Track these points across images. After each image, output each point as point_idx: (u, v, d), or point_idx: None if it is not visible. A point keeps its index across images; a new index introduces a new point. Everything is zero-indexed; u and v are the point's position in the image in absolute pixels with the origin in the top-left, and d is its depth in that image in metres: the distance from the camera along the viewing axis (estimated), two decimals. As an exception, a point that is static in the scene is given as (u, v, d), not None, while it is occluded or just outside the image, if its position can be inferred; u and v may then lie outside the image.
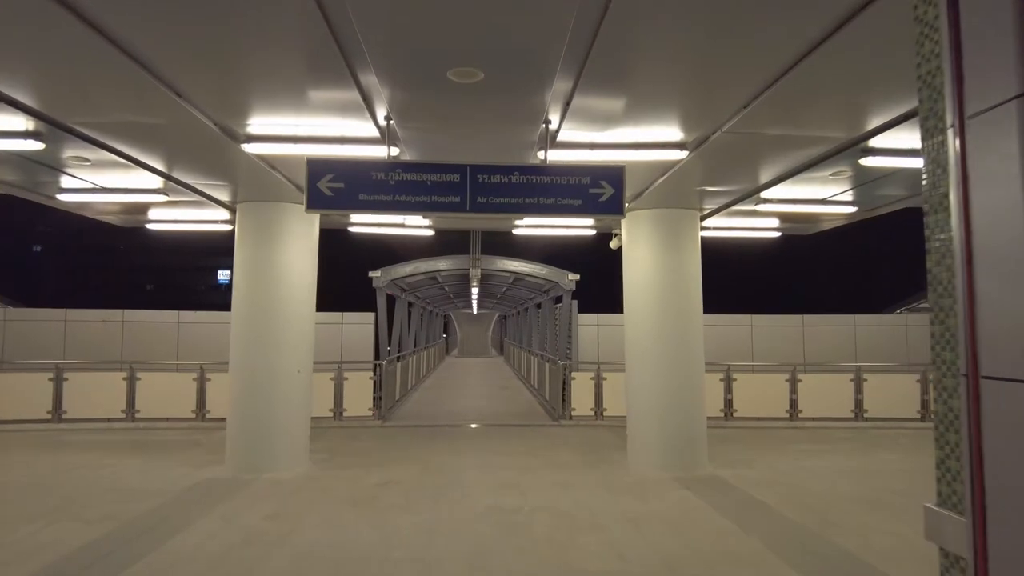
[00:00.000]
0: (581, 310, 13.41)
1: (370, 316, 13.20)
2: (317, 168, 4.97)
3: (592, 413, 11.90)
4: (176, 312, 12.81)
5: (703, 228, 8.65)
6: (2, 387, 10.95)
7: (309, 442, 8.40)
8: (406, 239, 12.15)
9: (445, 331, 45.80)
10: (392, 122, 4.98)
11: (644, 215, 8.33)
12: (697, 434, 8.12)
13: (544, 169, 5.10)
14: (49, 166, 6.38)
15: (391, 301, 15.58)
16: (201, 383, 11.22)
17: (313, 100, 4.59)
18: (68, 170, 6.58)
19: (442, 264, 13.52)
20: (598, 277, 16.10)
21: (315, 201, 4.95)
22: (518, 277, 15.39)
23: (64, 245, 47.44)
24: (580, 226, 9.71)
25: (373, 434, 10.72)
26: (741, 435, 10.53)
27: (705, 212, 8.44)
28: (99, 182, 7.10)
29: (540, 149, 5.32)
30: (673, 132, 5.26)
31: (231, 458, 7.84)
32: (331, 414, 11.52)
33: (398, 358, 14.91)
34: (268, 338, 7.86)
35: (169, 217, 9.10)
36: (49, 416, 10.87)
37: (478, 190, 4.94)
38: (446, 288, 20.07)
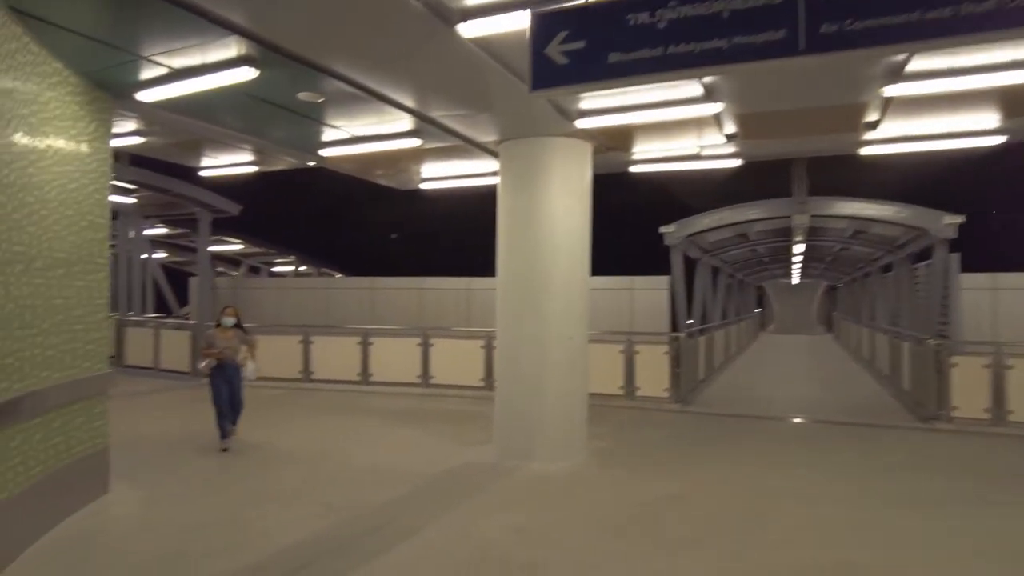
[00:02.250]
0: (964, 268, 9.42)
1: (663, 280, 11.27)
2: (544, 25, 3.21)
3: (987, 415, 8.17)
4: (467, 279, 12.59)
5: None
6: (322, 349, 11.85)
7: (587, 425, 6.92)
8: (703, 183, 9.84)
9: (759, 305, 41.23)
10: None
11: None
12: None
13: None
14: (290, 110, 5.86)
15: (690, 264, 13.34)
16: (488, 351, 10.64)
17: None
18: (313, 116, 6.04)
19: (753, 213, 10.68)
20: (986, 221, 11.45)
21: (543, 75, 3.21)
22: (859, 229, 11.80)
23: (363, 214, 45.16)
24: (972, 132, 6.31)
25: (669, 420, 8.80)
26: None
27: None
28: (352, 131, 6.51)
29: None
30: None
31: (497, 439, 6.74)
32: (621, 392, 9.93)
33: (701, 331, 12.68)
34: (532, 300, 6.51)
35: (439, 173, 8.42)
36: (359, 379, 11.43)
37: (822, 9, 2.64)
38: (758, 250, 16.85)
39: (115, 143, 8.18)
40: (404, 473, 5.99)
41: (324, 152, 7.10)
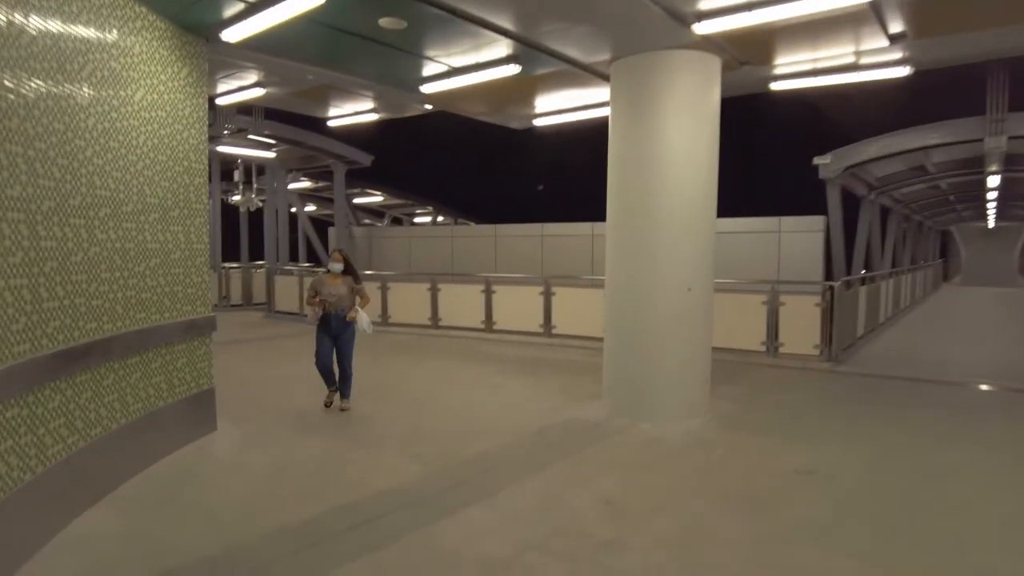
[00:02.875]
0: None
1: (817, 221, 9.81)
2: None
3: None
4: (590, 224, 11.89)
5: None
6: (448, 297, 11.85)
7: (713, 384, 6.15)
8: (864, 103, 8.18)
9: (943, 253, 36.01)
10: None
11: None
12: None
13: None
14: (374, 39, 5.48)
15: (851, 202, 11.53)
16: (612, 301, 9.99)
17: None
18: (402, 47, 5.63)
19: (933, 137, 8.74)
20: None
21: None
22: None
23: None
24: None
25: (815, 382, 7.69)
26: None
27: None
28: (447, 61, 6.04)
29: None
30: None
31: (606, 396, 6.18)
32: (762, 348, 8.87)
33: (862, 280, 11.02)
34: (645, 243, 5.76)
35: (552, 107, 7.76)
36: (483, 326, 11.31)
37: None
38: (941, 185, 14.26)
39: (238, 96, 8.54)
40: (503, 427, 5.65)
41: (425, 88, 6.70)
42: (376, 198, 20.43)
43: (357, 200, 20.81)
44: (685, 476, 4.45)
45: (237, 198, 15.81)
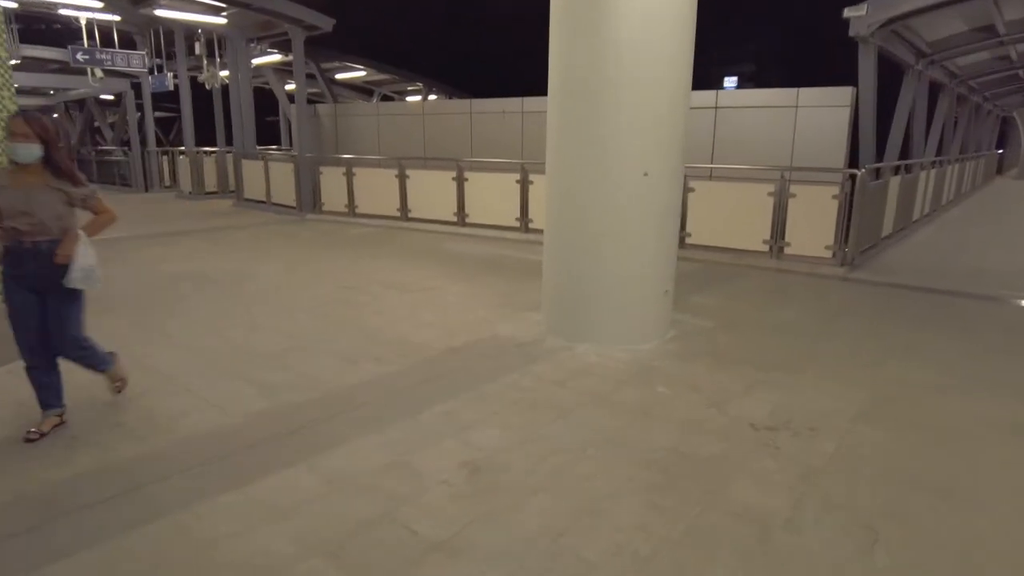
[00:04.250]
0: None
1: (845, 94, 8.03)
2: None
3: None
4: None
5: None
6: (417, 185, 10.49)
7: (687, 295, 4.94)
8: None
9: (1000, 143, 32.71)
10: None
11: None
12: None
13: None
14: None
15: (892, 75, 9.55)
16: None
17: None
18: None
19: None
20: None
21: None
22: None
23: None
24: None
25: (820, 291, 6.36)
26: None
27: None
28: None
29: None
30: None
31: (544, 310, 4.98)
32: (765, 248, 7.49)
33: (895, 169, 9.33)
34: (589, 115, 4.31)
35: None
36: (455, 219, 10.03)
37: None
38: (1013, 55, 11.90)
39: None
40: (408, 346, 4.53)
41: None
42: (359, 72, 18.52)
43: (339, 76, 18.99)
44: (600, 428, 3.29)
45: (203, 75, 14.26)
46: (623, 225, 4.40)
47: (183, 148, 15.50)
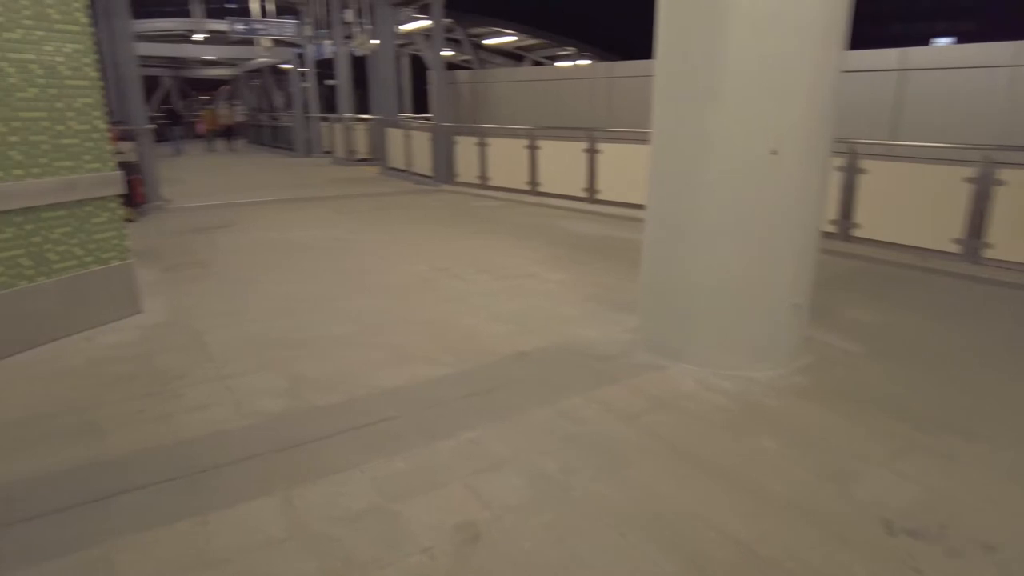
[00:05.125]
0: None
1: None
2: None
3: None
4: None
5: None
6: (547, 156, 9.80)
7: (834, 305, 3.89)
8: None
9: None
10: None
11: None
12: None
13: None
14: None
15: None
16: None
17: None
18: None
19: None
20: None
21: None
22: None
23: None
24: None
25: (1027, 313, 4.78)
26: None
27: None
28: None
29: None
30: None
31: (642, 315, 4.10)
32: (955, 248, 5.89)
33: None
34: (703, 74, 3.33)
35: None
36: (585, 194, 9.23)
37: None
38: None
39: None
40: (471, 345, 3.93)
41: None
42: (508, 37, 17.93)
43: (489, 41, 18.56)
44: (660, 496, 2.45)
45: (354, 42, 14.57)
46: (739, 216, 3.40)
47: (350, 116, 16.07)
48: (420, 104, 18.57)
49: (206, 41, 17.44)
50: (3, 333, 3.69)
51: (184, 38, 17.16)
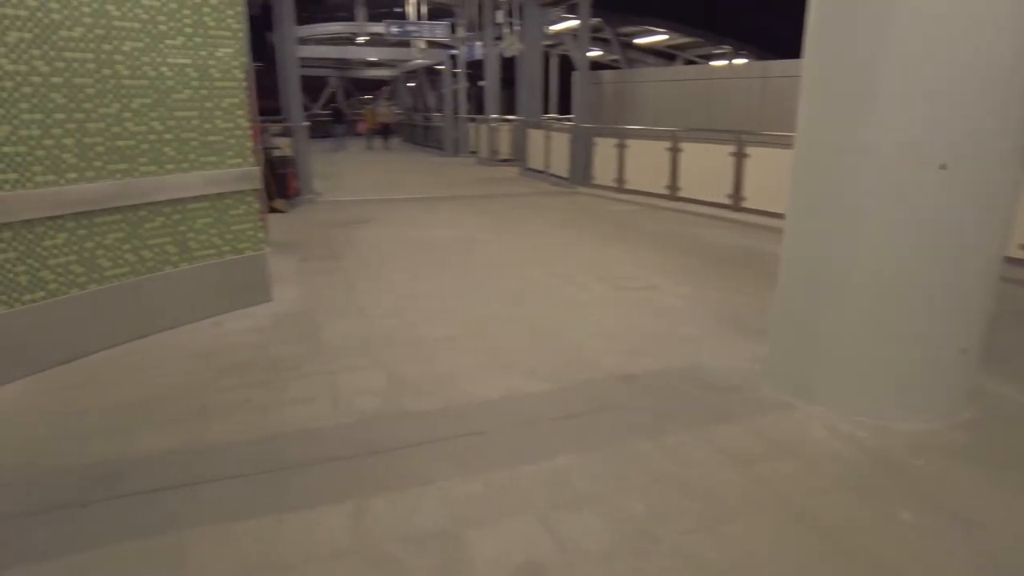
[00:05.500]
0: None
1: None
2: None
3: None
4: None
5: None
6: (689, 160, 9.28)
7: (992, 352, 3.23)
8: None
9: None
10: None
11: None
12: None
13: None
14: None
15: None
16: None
17: None
18: None
19: None
20: None
21: None
22: None
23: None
24: None
25: None
26: None
27: None
28: None
29: None
30: None
31: (772, 338, 3.63)
32: None
33: None
34: (853, 72, 2.83)
35: None
36: (728, 201, 8.62)
37: None
38: None
39: None
40: (585, 359, 3.72)
41: None
42: (659, 36, 17.22)
43: (639, 40, 17.97)
44: (756, 568, 2.09)
45: (503, 43, 14.77)
46: (897, 242, 2.87)
47: (495, 116, 16.41)
48: (567, 105, 18.49)
49: (368, 43, 18.57)
50: (148, 314, 4.04)
51: (349, 40, 18.42)
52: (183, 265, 4.22)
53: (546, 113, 18.91)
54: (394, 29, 12.81)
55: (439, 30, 13.26)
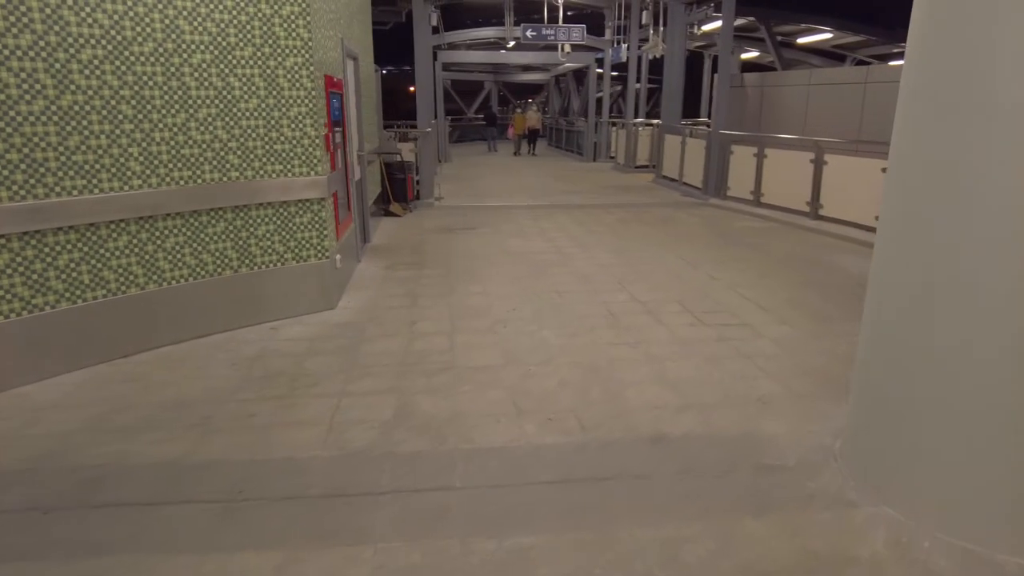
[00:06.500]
0: None
1: None
2: None
3: None
4: None
5: None
6: (834, 174, 8.14)
7: None
8: None
9: None
10: None
11: None
12: None
13: None
14: None
15: None
16: None
17: None
18: None
19: None
20: None
21: None
22: None
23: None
24: None
25: None
26: None
27: None
28: None
29: None
30: None
31: (851, 416, 2.89)
32: None
33: None
34: (964, 87, 2.11)
35: None
36: (873, 223, 7.44)
37: None
38: None
39: None
40: (621, 409, 3.26)
41: None
42: (823, 35, 15.31)
43: (802, 40, 16.16)
44: None
45: (647, 45, 14.13)
46: (1018, 297, 2.11)
47: (636, 120, 15.82)
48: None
49: (516, 48, 18.70)
50: (206, 316, 4.18)
51: (500, 45, 18.66)
52: (243, 270, 4.33)
53: (697, 117, 17.84)
54: (530, 33, 12.70)
55: (576, 33, 12.93)
